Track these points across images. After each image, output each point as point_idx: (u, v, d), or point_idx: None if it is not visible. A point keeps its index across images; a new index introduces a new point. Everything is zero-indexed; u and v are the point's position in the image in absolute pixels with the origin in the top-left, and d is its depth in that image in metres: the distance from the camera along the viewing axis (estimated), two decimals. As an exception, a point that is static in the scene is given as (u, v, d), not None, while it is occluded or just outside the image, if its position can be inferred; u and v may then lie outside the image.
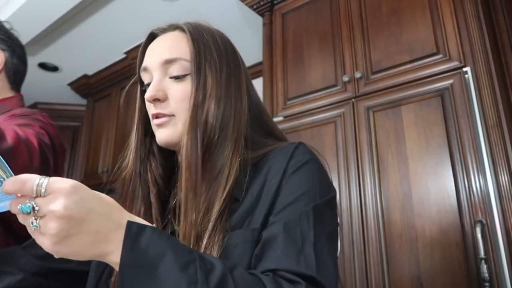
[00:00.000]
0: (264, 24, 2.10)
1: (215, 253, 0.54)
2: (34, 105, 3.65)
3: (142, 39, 0.70)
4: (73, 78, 3.32)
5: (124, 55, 2.93)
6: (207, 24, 0.69)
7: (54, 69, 3.20)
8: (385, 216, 1.43)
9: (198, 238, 0.56)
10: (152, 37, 0.68)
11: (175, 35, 0.66)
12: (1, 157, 0.41)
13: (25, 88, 1.11)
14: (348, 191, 1.54)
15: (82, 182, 0.44)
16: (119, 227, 0.44)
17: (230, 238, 0.55)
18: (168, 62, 0.63)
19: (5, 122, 0.90)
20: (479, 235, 1.19)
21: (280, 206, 0.56)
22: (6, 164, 0.41)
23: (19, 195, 0.41)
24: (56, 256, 0.43)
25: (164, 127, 0.63)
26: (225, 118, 0.62)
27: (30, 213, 0.41)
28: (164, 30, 0.67)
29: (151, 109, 0.64)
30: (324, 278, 0.49)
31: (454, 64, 1.43)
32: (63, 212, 0.40)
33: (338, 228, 0.61)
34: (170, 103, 0.62)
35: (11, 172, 0.41)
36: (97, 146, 3.09)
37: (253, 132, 0.66)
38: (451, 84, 1.41)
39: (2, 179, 0.42)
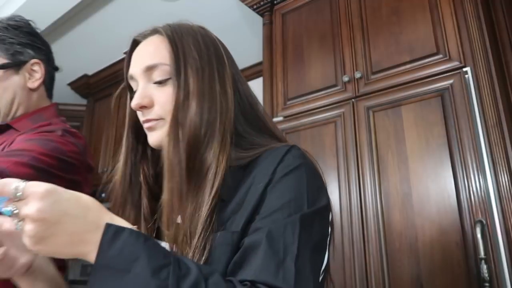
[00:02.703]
0: (264, 24, 2.10)
1: (204, 253, 0.53)
2: (34, 105, 3.65)
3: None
4: (73, 78, 3.32)
5: (124, 55, 2.92)
6: (188, 23, 0.69)
7: (54, 69, 3.21)
8: (385, 216, 1.43)
9: (187, 239, 0.55)
10: (135, 44, 0.69)
11: (155, 40, 0.66)
12: None
13: (25, 88, 1.11)
14: (348, 191, 1.54)
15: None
16: (96, 228, 0.45)
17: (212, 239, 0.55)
18: (150, 69, 0.63)
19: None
20: (479, 235, 1.19)
21: (265, 212, 0.54)
22: None
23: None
24: (40, 255, 0.45)
25: (154, 130, 0.64)
26: (211, 115, 0.61)
27: (11, 215, 0.43)
28: (145, 36, 0.68)
29: (141, 116, 0.66)
30: None
31: (454, 64, 1.43)
32: (37, 215, 0.42)
33: (329, 239, 0.58)
34: (156, 108, 0.63)
35: None
36: (97, 146, 3.09)
37: (244, 128, 0.65)
38: (451, 84, 1.41)
39: None
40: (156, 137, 0.64)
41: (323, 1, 1.89)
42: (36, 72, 1.00)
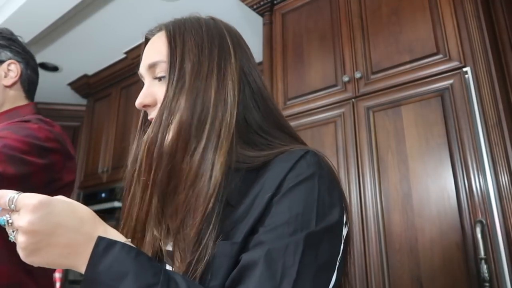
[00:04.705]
0: (264, 24, 2.10)
1: (203, 263, 0.50)
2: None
3: (142, 39, 0.70)
4: (73, 78, 3.32)
5: (124, 55, 2.92)
6: (196, 16, 0.66)
7: (54, 69, 3.20)
8: (385, 216, 1.43)
9: (183, 247, 0.53)
10: (146, 41, 0.68)
11: (159, 36, 0.64)
12: None
13: (25, 88, 1.14)
14: (348, 191, 1.54)
15: (82, 182, 0.45)
16: (89, 241, 0.44)
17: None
18: (152, 66, 0.62)
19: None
20: (479, 235, 1.19)
21: (270, 225, 0.50)
22: None
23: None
24: (34, 265, 0.44)
25: None
26: (203, 113, 0.56)
27: (5, 225, 0.43)
28: (153, 33, 0.66)
29: (149, 115, 0.64)
30: None
31: (454, 64, 1.43)
32: (28, 227, 0.42)
33: (340, 257, 0.53)
34: (158, 106, 0.60)
35: None
36: (97, 146, 3.09)
37: (259, 124, 0.61)
38: (451, 84, 1.41)
39: None
40: None
41: (323, 1, 1.89)
42: (12, 71, 1.07)
